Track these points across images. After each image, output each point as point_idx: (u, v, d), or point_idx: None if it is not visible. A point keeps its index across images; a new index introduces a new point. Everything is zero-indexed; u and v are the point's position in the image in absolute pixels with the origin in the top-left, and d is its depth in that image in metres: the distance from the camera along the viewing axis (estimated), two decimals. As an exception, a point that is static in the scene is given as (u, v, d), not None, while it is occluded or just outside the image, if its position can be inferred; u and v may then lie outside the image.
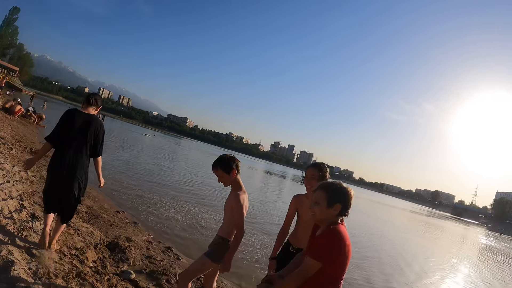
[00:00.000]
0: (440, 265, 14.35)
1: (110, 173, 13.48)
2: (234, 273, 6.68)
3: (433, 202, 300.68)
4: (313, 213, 2.69)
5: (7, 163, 7.86)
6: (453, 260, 16.60)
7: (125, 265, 5.10)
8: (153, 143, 46.95)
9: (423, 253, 16.87)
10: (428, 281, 10.97)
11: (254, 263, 7.76)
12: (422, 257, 15.37)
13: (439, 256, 17.25)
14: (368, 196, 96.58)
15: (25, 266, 3.61)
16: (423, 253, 16.61)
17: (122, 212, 8.36)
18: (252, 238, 9.66)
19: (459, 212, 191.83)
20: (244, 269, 7.29)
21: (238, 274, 6.86)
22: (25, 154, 10.40)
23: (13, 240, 4.05)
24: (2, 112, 20.17)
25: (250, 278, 6.86)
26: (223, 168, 3.72)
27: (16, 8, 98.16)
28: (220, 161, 3.75)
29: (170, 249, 6.68)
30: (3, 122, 15.96)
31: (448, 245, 25.15)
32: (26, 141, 13.09)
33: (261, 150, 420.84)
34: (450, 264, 15.23)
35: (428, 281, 11.05)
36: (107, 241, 5.66)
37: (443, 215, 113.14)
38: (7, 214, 4.80)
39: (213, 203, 13.32)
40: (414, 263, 13.34)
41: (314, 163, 4.04)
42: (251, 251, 8.52)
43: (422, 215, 66.08)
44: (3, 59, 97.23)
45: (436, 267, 13.71)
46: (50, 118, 29.48)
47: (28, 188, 6.66)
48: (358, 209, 36.21)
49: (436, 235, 30.33)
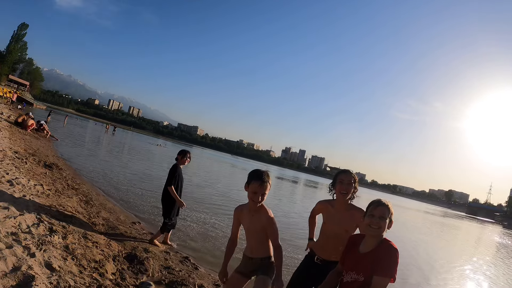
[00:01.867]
0: (456, 265, 14.14)
1: (125, 184, 13.51)
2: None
3: (447, 202, 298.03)
4: (378, 227, 2.89)
5: (23, 177, 7.89)
6: (469, 259, 16.33)
7: (144, 277, 5.06)
8: (165, 153, 47.05)
9: (439, 253, 16.63)
10: (444, 281, 10.79)
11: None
12: (437, 257, 15.14)
13: (454, 255, 17.01)
14: (382, 198, 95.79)
15: (45, 281, 3.58)
16: (438, 253, 16.38)
17: (138, 223, 8.33)
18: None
19: (474, 211, 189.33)
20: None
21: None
22: (39, 168, 10.44)
23: (33, 255, 4.03)
24: (15, 126, 20.37)
25: None
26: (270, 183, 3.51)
27: (24, 24, 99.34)
28: (269, 176, 3.52)
29: (188, 259, 6.62)
30: (17, 137, 16.10)
31: (463, 244, 24.82)
32: (40, 154, 13.16)
33: (272, 156, 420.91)
34: (465, 263, 14.97)
35: (445, 280, 10.87)
36: (125, 253, 5.63)
37: (458, 215, 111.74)
38: (25, 228, 4.79)
39: (229, 212, 13.26)
40: (431, 263, 13.14)
41: (344, 169, 3.89)
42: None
43: (436, 215, 65.36)
44: (14, 74, 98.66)
45: (452, 266, 13.51)
46: (70, 134, 29.72)
47: (44, 202, 6.67)
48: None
49: (451, 235, 29.96)
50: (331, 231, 3.75)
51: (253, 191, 3.44)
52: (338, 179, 3.76)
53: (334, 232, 3.73)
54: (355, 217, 3.67)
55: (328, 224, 3.79)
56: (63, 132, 32.61)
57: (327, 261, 3.73)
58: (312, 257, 3.85)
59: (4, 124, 19.33)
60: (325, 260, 3.75)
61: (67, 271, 4.06)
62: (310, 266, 3.82)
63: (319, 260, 3.78)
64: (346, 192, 3.69)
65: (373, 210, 2.96)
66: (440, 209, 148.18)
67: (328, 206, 3.86)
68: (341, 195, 3.72)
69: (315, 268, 3.78)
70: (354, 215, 3.69)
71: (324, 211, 3.88)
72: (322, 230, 3.87)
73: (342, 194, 3.70)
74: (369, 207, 3.03)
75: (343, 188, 3.70)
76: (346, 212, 3.74)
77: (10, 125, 20.10)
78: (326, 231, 3.80)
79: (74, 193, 8.82)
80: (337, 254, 3.51)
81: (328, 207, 3.86)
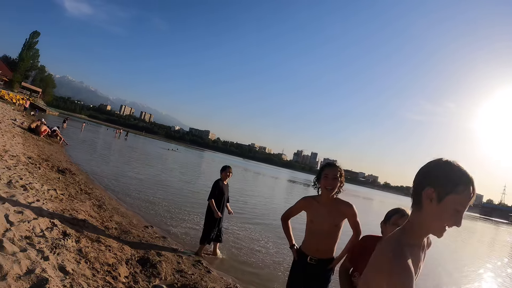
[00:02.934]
0: (471, 267, 13.96)
1: (137, 188, 13.57)
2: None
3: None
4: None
5: (36, 182, 7.97)
6: (484, 261, 16.11)
7: (156, 280, 5.07)
8: (177, 157, 47.25)
9: (453, 255, 16.46)
10: (459, 283, 10.66)
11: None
12: (453, 259, 14.98)
13: (469, 257, 16.81)
14: (394, 200, 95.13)
15: (59, 284, 3.60)
16: (453, 255, 16.21)
17: (151, 227, 8.35)
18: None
19: (488, 212, 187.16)
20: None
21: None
22: (53, 173, 10.54)
23: (46, 258, 4.06)
24: (28, 132, 20.59)
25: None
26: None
27: (36, 32, 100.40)
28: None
29: (201, 263, 6.62)
30: (30, 143, 16.28)
31: (478, 246, 24.53)
32: (53, 160, 13.28)
33: (284, 159, 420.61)
34: (480, 265, 14.76)
35: (460, 283, 10.74)
36: (138, 256, 5.65)
37: (472, 216, 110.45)
38: (39, 232, 4.83)
39: (241, 216, 13.25)
40: (447, 265, 12.99)
41: (330, 162, 3.66)
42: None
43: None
44: (26, 81, 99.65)
45: (467, 268, 13.34)
46: (83, 140, 29.98)
47: (58, 206, 6.72)
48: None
49: (464, 236, 29.62)
50: (321, 229, 3.55)
51: (325, 175, 3.50)
52: (323, 173, 3.55)
53: (324, 230, 3.54)
54: (343, 211, 3.56)
55: (316, 222, 3.57)
56: (77, 138, 32.90)
57: (322, 259, 3.58)
58: (304, 259, 3.62)
59: (18, 130, 19.57)
60: (320, 259, 3.57)
61: (80, 274, 4.08)
62: (305, 268, 3.62)
63: (314, 260, 3.58)
64: (331, 188, 3.49)
65: (398, 220, 2.95)
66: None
67: (313, 202, 3.63)
68: (326, 191, 3.51)
69: (311, 269, 3.60)
70: (342, 209, 3.56)
71: (309, 208, 3.64)
72: (310, 229, 3.65)
73: (327, 189, 3.50)
74: (393, 215, 3.01)
75: (328, 183, 3.49)
76: (333, 206, 3.55)
77: (23, 131, 20.34)
78: (316, 230, 3.59)
79: (87, 197, 8.89)
80: (331, 251, 3.58)
81: (313, 203, 3.63)
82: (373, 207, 42.03)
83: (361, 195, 72.62)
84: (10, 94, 68.59)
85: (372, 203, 53.03)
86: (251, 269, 7.46)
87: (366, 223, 4.60)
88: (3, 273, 3.36)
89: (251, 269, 7.45)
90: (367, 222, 6.31)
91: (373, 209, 38.58)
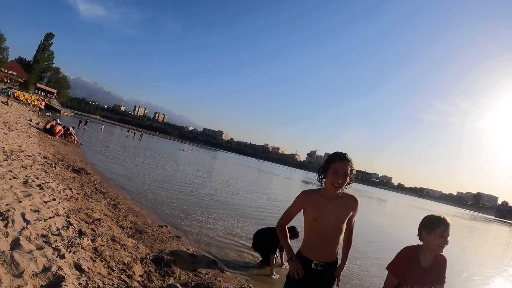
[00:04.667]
0: (488, 269, 13.77)
1: (151, 188, 13.64)
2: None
3: (476, 205, 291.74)
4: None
5: (52, 182, 8.03)
6: (498, 263, 15.87)
7: (171, 279, 5.08)
8: (191, 157, 47.43)
9: (469, 257, 16.26)
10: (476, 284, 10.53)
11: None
12: (467, 261, 14.80)
13: (483, 259, 16.58)
14: (408, 202, 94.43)
15: (75, 282, 3.62)
16: (466, 257, 16.01)
17: (165, 226, 8.37)
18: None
19: (503, 214, 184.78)
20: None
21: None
22: (68, 173, 10.63)
23: (62, 256, 4.09)
24: (44, 133, 20.82)
25: None
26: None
27: (50, 34, 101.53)
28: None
29: (215, 262, 6.62)
30: (45, 143, 16.44)
31: (493, 248, 24.18)
32: (68, 159, 13.40)
33: (298, 160, 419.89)
34: (494, 267, 14.55)
35: (476, 283, 10.61)
36: (153, 255, 5.66)
37: (486, 218, 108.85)
38: (55, 231, 4.87)
39: (256, 215, 13.26)
40: (461, 267, 12.83)
41: (341, 153, 3.05)
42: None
43: (464, 219, 63.86)
44: (41, 82, 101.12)
45: (481, 270, 13.16)
46: (97, 140, 30.20)
47: (73, 205, 6.77)
48: (403, 216, 35.44)
49: (480, 239, 29.25)
50: (328, 227, 3.06)
51: (334, 170, 2.97)
52: (332, 167, 2.99)
53: (331, 228, 3.07)
54: (350, 205, 3.15)
55: (322, 219, 3.04)
56: (95, 138, 33.18)
57: (328, 263, 3.13)
58: (308, 265, 3.10)
59: (33, 130, 19.79)
60: (326, 263, 3.12)
61: (96, 272, 4.11)
62: (309, 276, 3.11)
63: (319, 265, 3.10)
64: (339, 186, 2.98)
65: (444, 232, 2.96)
66: (468, 212, 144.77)
67: (316, 197, 3.10)
68: (332, 188, 3.00)
69: (316, 276, 3.12)
70: (349, 203, 3.15)
71: (312, 204, 3.08)
72: (313, 229, 3.10)
73: (334, 187, 2.99)
74: (439, 226, 2.98)
75: (336, 180, 2.96)
76: (339, 200, 3.09)
77: (39, 131, 20.56)
78: (321, 228, 3.07)
79: (102, 197, 8.95)
80: (336, 252, 3.19)
81: (316, 197, 3.10)
82: (401, 212, 41.73)
83: (375, 196, 72.08)
84: (26, 95, 69.47)
85: (397, 206, 52.69)
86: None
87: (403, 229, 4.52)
88: (19, 270, 3.39)
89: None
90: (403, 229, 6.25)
91: (400, 214, 38.33)
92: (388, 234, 17.53)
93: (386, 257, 10.34)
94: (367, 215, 24.31)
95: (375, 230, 17.70)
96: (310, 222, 3.09)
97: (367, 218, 22.05)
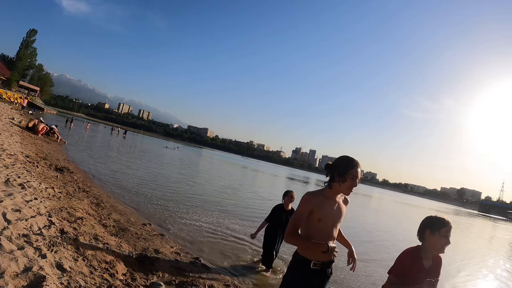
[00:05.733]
0: (471, 263, 13.97)
1: (135, 186, 13.58)
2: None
3: (459, 200, 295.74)
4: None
5: (34, 181, 7.96)
6: (483, 258, 16.13)
7: (154, 277, 5.07)
8: (176, 155, 47.25)
9: (454, 251, 16.48)
10: (459, 279, 10.68)
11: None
12: (452, 255, 15.00)
13: (468, 253, 16.82)
14: (393, 197, 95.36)
15: (56, 281, 3.60)
16: (453, 252, 16.23)
17: (149, 224, 8.36)
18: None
19: (486, 209, 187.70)
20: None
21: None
22: (51, 171, 10.53)
23: (44, 256, 4.06)
24: (26, 131, 20.57)
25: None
26: None
27: (33, 30, 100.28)
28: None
29: (198, 260, 6.63)
30: (28, 141, 16.25)
31: (476, 242, 24.55)
32: (51, 158, 13.26)
33: (283, 157, 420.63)
34: (479, 262, 14.78)
35: (460, 279, 10.76)
36: (136, 254, 5.65)
37: (470, 213, 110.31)
38: (36, 230, 4.83)
39: (241, 212, 13.30)
40: (447, 262, 12.98)
41: (357, 160, 3.13)
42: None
43: (448, 214, 64.78)
44: (24, 80, 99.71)
45: (466, 264, 13.35)
46: (83, 138, 29.84)
47: (55, 204, 6.71)
48: (384, 210, 35.75)
49: (464, 233, 29.67)
50: (332, 227, 3.16)
51: (353, 176, 3.05)
52: (352, 173, 3.06)
53: (332, 228, 3.17)
54: (345, 205, 3.29)
55: (327, 220, 3.11)
56: (78, 136, 32.82)
57: (326, 262, 3.16)
58: (306, 265, 3.11)
59: (16, 129, 19.55)
60: (323, 263, 3.14)
61: (77, 271, 4.09)
62: (308, 276, 3.13)
63: (318, 265, 3.12)
64: (352, 190, 3.12)
65: (447, 232, 3.04)
66: (452, 207, 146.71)
67: (321, 198, 3.14)
68: (348, 192, 3.13)
69: (314, 276, 3.14)
70: (343, 203, 3.28)
71: (318, 205, 3.10)
72: (315, 229, 3.10)
73: (350, 192, 3.12)
74: (444, 226, 3.05)
75: (355, 185, 3.09)
76: (337, 200, 3.21)
77: (21, 130, 20.32)
78: (325, 229, 3.12)
79: (85, 195, 8.89)
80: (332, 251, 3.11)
81: (321, 199, 3.13)
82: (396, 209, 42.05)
83: (361, 192, 72.67)
84: (8, 93, 68.59)
85: (386, 202, 53.12)
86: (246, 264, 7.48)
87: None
88: (0, 271, 3.36)
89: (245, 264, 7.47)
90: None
91: (393, 210, 38.63)
92: (387, 232, 17.67)
93: (387, 258, 10.63)
94: (366, 212, 24.48)
95: (371, 228, 17.87)
96: (314, 223, 3.10)
97: (366, 216, 22.22)
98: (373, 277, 8.59)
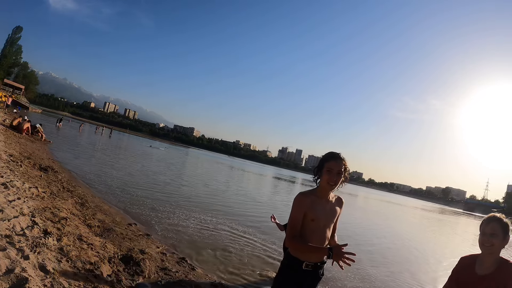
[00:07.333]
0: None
1: (120, 186, 13.45)
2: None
3: (445, 199, 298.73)
4: (491, 245, 2.80)
5: (17, 180, 7.84)
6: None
7: (140, 278, 5.02)
8: (162, 155, 47.06)
9: (436, 249, 16.65)
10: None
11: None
12: (435, 252, 15.15)
13: (451, 251, 17.01)
14: (380, 196, 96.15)
15: (39, 283, 3.54)
16: (436, 249, 16.39)
17: (134, 224, 8.29)
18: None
19: (471, 207, 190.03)
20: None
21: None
22: (35, 171, 10.40)
23: (27, 257, 3.99)
24: (10, 130, 20.29)
25: None
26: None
27: (19, 27, 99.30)
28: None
29: (185, 260, 6.59)
30: (12, 140, 16.04)
31: (459, 240, 24.84)
32: (35, 157, 13.10)
33: (269, 156, 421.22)
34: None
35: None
36: (121, 255, 5.59)
37: (455, 211, 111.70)
38: (19, 231, 4.75)
39: (227, 212, 13.26)
40: (430, 259, 13.12)
41: (335, 153, 3.10)
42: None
43: (433, 212, 65.49)
44: (8, 78, 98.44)
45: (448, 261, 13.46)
46: (69, 137, 29.53)
47: (39, 204, 6.62)
48: (372, 210, 35.98)
49: (446, 230, 30.03)
50: (325, 227, 3.12)
51: (328, 169, 3.03)
52: (326, 166, 3.05)
53: (326, 228, 3.14)
54: (339, 205, 3.25)
55: (319, 220, 3.08)
56: (63, 136, 32.50)
57: (317, 263, 3.11)
58: (298, 265, 3.07)
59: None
60: (315, 264, 3.09)
61: (61, 273, 4.02)
62: (300, 277, 3.10)
63: (310, 266, 3.08)
64: (334, 184, 3.03)
65: (485, 228, 2.89)
66: (437, 206, 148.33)
67: (312, 198, 3.11)
68: (328, 186, 3.06)
69: (305, 277, 3.12)
70: (337, 203, 3.25)
71: (310, 205, 3.07)
72: (308, 230, 3.07)
73: (330, 185, 3.05)
74: (482, 223, 2.95)
75: (332, 178, 3.02)
76: (330, 200, 3.19)
77: (5, 128, 20.03)
78: (317, 229, 3.09)
79: (69, 195, 8.78)
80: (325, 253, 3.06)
81: (313, 198, 3.11)
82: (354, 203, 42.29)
83: (347, 191, 73.14)
84: (-8, 91, 67.52)
85: (374, 201, 53.43)
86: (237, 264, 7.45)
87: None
88: (-19, 273, 3.29)
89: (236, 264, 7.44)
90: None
91: (384, 210, 38.86)
92: (368, 230, 17.74)
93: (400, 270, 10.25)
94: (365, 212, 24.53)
95: (373, 233, 17.94)
96: (307, 223, 3.07)
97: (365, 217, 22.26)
98: (361, 275, 8.61)
